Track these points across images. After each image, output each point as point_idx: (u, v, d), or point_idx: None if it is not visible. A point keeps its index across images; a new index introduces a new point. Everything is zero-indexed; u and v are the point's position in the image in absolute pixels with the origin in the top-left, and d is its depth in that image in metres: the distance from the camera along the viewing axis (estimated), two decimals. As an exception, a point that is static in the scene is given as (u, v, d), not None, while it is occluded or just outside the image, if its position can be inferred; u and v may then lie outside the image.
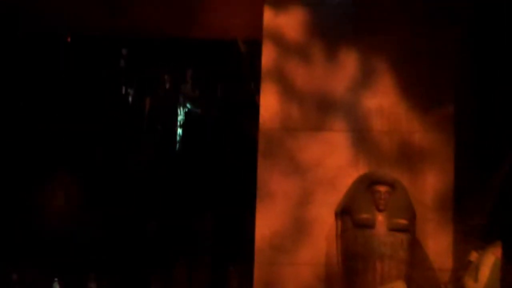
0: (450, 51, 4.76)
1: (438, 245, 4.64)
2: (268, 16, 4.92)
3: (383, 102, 4.80)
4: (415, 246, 4.47)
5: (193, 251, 6.96)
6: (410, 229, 4.39)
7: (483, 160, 4.50)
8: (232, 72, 6.75)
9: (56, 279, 6.60)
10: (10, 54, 6.29)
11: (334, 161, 4.78)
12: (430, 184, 4.70)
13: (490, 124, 4.51)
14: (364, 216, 4.36)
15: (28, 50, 6.59)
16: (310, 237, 4.71)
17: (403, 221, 4.35)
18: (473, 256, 4.14)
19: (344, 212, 4.47)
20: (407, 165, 4.72)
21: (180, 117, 7.37)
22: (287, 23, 4.90)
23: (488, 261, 4.00)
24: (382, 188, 4.40)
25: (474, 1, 4.74)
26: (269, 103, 4.86)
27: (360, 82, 4.84)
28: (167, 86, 7.29)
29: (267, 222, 4.74)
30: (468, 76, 4.70)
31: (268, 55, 4.89)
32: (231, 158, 6.87)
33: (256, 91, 4.94)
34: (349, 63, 4.85)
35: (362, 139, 4.79)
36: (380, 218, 4.37)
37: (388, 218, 4.35)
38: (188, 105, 7.38)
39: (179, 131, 7.41)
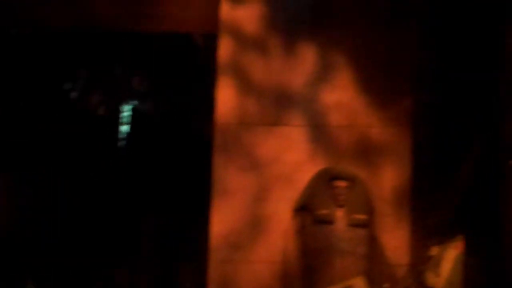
0: (409, 45, 4.75)
1: (395, 240, 4.62)
2: (225, 9, 4.83)
3: (342, 96, 4.76)
4: (373, 242, 4.45)
5: (144, 249, 6.83)
6: (369, 225, 4.36)
7: (442, 155, 4.50)
8: (187, 66, 6.63)
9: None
10: None
11: (292, 156, 4.72)
12: (388, 179, 4.68)
13: (449, 119, 4.52)
14: (323, 212, 4.32)
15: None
16: (266, 234, 4.63)
17: (362, 217, 4.33)
18: (434, 251, 4.13)
19: (303, 208, 4.42)
20: (365, 160, 4.69)
21: (132, 113, 7.24)
22: (244, 16, 4.82)
23: (450, 256, 4.00)
24: (341, 184, 4.37)
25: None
26: (226, 98, 4.77)
27: (318, 76, 4.78)
28: (119, 80, 7.14)
29: (222, 219, 4.66)
30: (426, 71, 4.70)
31: (224, 49, 4.80)
32: (186, 154, 6.76)
33: (212, 85, 4.84)
34: (307, 57, 4.80)
35: (320, 134, 4.74)
36: (339, 213, 4.33)
37: (348, 214, 4.32)
38: (140, 100, 7.25)
39: (130, 127, 7.27)
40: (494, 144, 3.48)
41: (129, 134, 7.42)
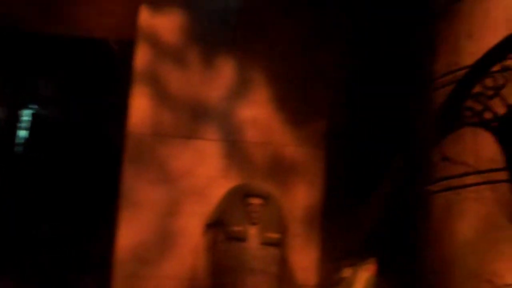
0: (326, 68, 4.81)
1: (304, 261, 4.62)
2: (144, 16, 4.73)
3: (258, 113, 4.75)
4: (283, 261, 4.43)
5: (41, 261, 6.55)
6: (281, 244, 4.34)
7: (354, 177, 4.55)
8: (102, 73, 6.44)
9: None
10: None
11: (205, 170, 4.64)
12: (300, 199, 4.69)
13: (363, 142, 4.58)
14: (236, 228, 4.27)
15: None
16: (176, 249, 4.52)
17: (275, 235, 4.31)
18: (346, 272, 4.15)
19: (216, 224, 4.35)
20: (278, 178, 4.68)
21: (37, 118, 6.97)
22: (164, 25, 4.73)
23: (362, 278, 4.03)
24: (256, 201, 4.34)
25: (350, 21, 4.82)
26: (140, 107, 4.65)
27: (235, 91, 4.76)
28: (27, 84, 6.86)
29: (130, 232, 4.50)
30: (342, 93, 4.76)
31: (141, 57, 4.69)
32: (94, 163, 6.54)
33: (127, 94, 4.70)
34: (225, 71, 4.76)
35: (234, 149, 4.70)
36: (252, 231, 4.29)
37: (261, 232, 4.29)
38: (49, 105, 6.99)
39: (34, 132, 7.00)
40: (412, 170, 3.54)
41: (33, 139, 7.13)
